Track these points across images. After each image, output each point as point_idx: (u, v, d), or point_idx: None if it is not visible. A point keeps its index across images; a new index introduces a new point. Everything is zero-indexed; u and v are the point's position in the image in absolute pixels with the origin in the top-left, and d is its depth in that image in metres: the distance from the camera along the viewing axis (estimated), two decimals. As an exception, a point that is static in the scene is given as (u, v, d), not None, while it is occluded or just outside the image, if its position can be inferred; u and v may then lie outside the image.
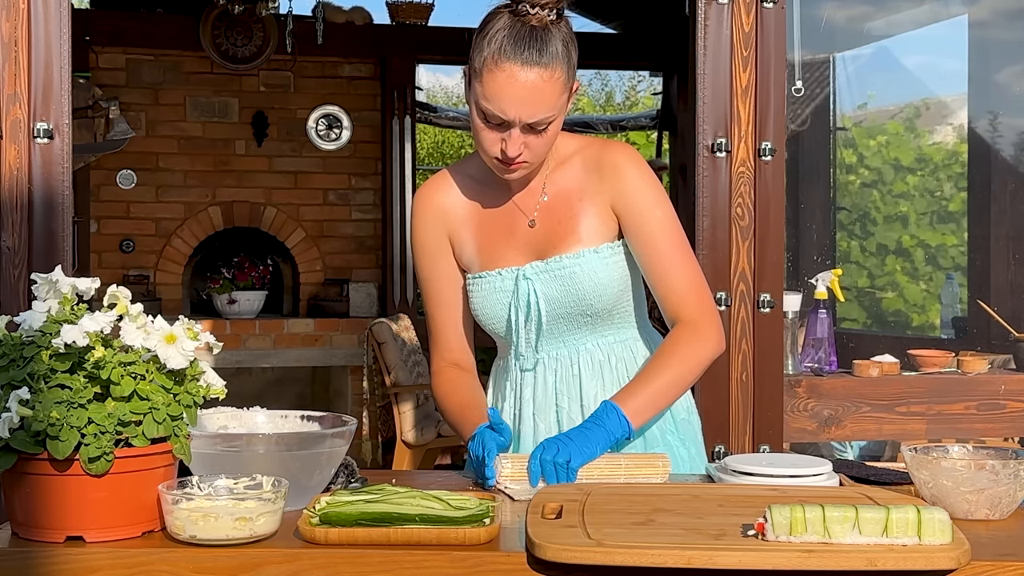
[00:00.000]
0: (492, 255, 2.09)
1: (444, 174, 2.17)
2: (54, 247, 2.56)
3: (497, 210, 2.11)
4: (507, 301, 2.06)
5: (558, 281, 2.04)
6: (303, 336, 6.90)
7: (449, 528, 1.48)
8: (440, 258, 2.13)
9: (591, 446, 1.86)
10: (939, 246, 5.99)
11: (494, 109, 1.92)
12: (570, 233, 2.05)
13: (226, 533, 1.46)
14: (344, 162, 7.26)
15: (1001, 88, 4.73)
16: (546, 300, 2.04)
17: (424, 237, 2.13)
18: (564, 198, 2.07)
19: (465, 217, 2.11)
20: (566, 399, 2.08)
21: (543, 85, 1.90)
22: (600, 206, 2.06)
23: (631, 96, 14.70)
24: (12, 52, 2.53)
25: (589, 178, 2.06)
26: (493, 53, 1.91)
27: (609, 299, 2.06)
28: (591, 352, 2.09)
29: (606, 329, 2.10)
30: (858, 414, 3.02)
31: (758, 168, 2.81)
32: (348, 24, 7.09)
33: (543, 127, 1.94)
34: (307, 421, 1.82)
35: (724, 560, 1.38)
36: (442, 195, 2.13)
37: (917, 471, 1.69)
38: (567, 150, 2.09)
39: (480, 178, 2.12)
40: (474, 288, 2.10)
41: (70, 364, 1.50)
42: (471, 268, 2.12)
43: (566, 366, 2.09)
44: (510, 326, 2.07)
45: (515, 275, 2.06)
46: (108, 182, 6.86)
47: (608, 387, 2.07)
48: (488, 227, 2.10)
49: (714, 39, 2.80)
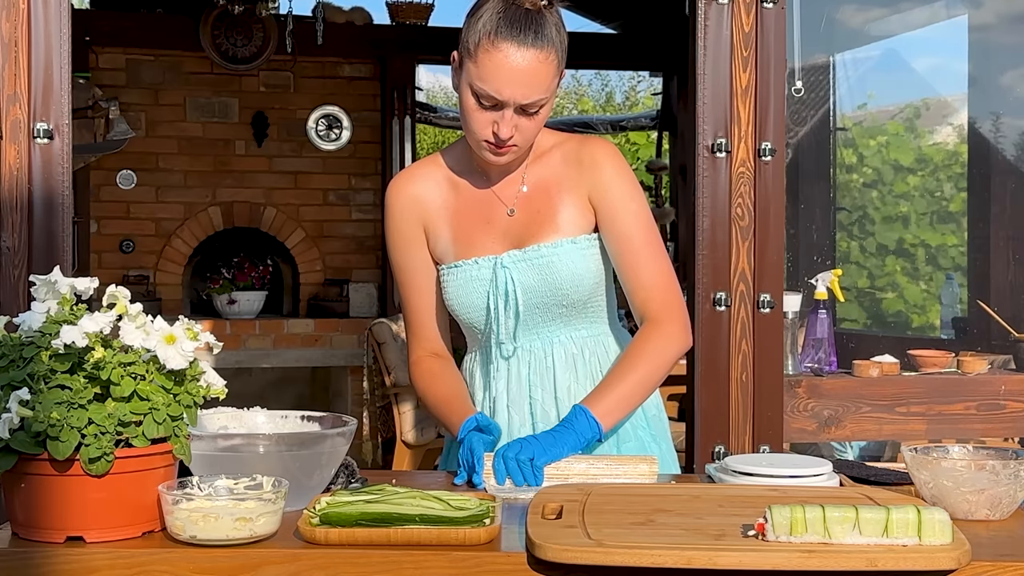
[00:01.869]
0: (468, 244, 2.10)
1: (418, 164, 2.19)
2: (54, 247, 2.56)
3: (474, 200, 2.12)
4: (484, 290, 2.07)
5: (536, 270, 2.06)
6: (303, 336, 6.90)
7: (449, 528, 1.48)
8: (415, 249, 2.14)
9: (558, 447, 1.88)
10: (939, 246, 5.99)
11: (489, 89, 1.94)
12: (549, 222, 2.07)
13: (226, 533, 1.46)
14: (344, 162, 7.26)
15: (1001, 88, 4.73)
16: (523, 289, 2.06)
17: (399, 228, 2.14)
18: (543, 189, 2.10)
19: (440, 206, 2.12)
20: (539, 391, 2.09)
21: (538, 66, 1.94)
22: (578, 198, 2.08)
23: (631, 96, 14.71)
24: (12, 52, 2.53)
25: (568, 171, 2.09)
26: (488, 33, 1.94)
27: (585, 291, 2.08)
28: (564, 345, 2.11)
29: (580, 323, 2.12)
30: (858, 414, 3.02)
31: (758, 168, 2.81)
32: (348, 24, 7.09)
33: (535, 109, 1.97)
34: (307, 421, 1.82)
35: (724, 560, 1.38)
36: (415, 185, 2.14)
37: (917, 471, 1.69)
38: (546, 144, 2.13)
39: (459, 168, 2.13)
40: (449, 278, 2.11)
41: (70, 365, 1.50)
42: (445, 258, 2.12)
43: (539, 358, 2.10)
44: (489, 315, 2.08)
45: (492, 263, 2.07)
46: (108, 182, 6.86)
47: (581, 380, 2.10)
48: (464, 216, 2.11)
49: (714, 39, 2.80)
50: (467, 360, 2.23)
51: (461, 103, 2.00)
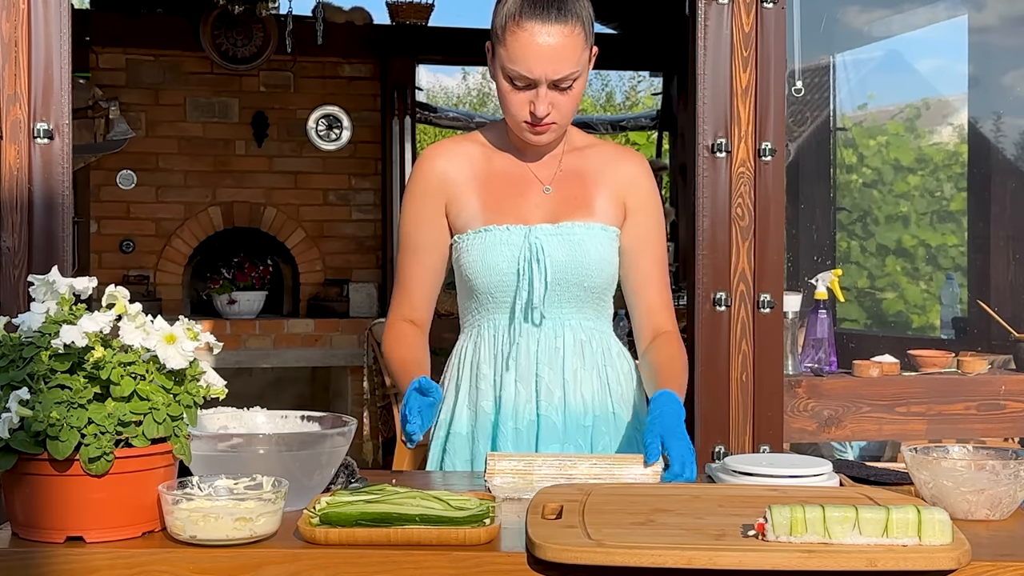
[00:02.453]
0: (499, 211, 2.12)
1: (454, 139, 2.22)
2: (54, 248, 2.56)
3: (509, 173, 2.15)
4: (512, 255, 2.09)
5: (566, 246, 2.10)
6: (303, 336, 6.90)
7: (449, 528, 1.48)
8: (431, 226, 2.16)
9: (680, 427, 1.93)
10: (939, 246, 5.99)
11: (520, 69, 2.00)
12: (585, 205, 2.14)
13: (226, 533, 1.46)
14: (344, 162, 7.26)
15: (1002, 88, 4.73)
16: (552, 262, 2.09)
17: (418, 202, 2.17)
18: (579, 176, 2.16)
19: (470, 177, 2.15)
20: (547, 370, 2.11)
21: (564, 41, 1.99)
22: (613, 195, 2.15)
23: (631, 96, 14.70)
24: (12, 52, 2.53)
25: (605, 168, 2.17)
26: (513, 15, 2.00)
27: (606, 278, 2.14)
28: (575, 331, 2.14)
29: (590, 312, 2.16)
30: (858, 414, 3.02)
31: (758, 168, 2.81)
32: (348, 24, 7.09)
33: (568, 84, 2.02)
34: (307, 421, 1.82)
35: (724, 560, 1.38)
36: (446, 160, 2.17)
37: (917, 471, 1.69)
38: (583, 141, 2.20)
39: (497, 145, 2.17)
40: (475, 242, 2.12)
41: (70, 364, 1.50)
42: (472, 224, 2.13)
43: (550, 338, 2.13)
44: (519, 280, 2.09)
45: (524, 232, 2.10)
46: (108, 182, 6.86)
47: (588, 368, 2.13)
48: (496, 186, 2.14)
49: (714, 39, 2.80)
50: (464, 337, 2.21)
51: (498, 89, 2.07)
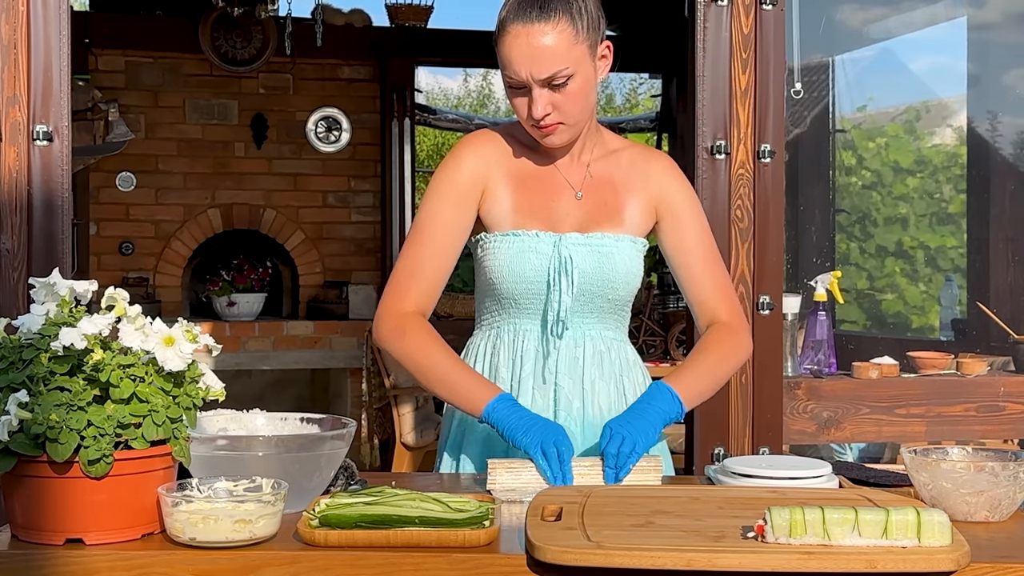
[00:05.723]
0: (530, 215, 2.10)
1: (501, 129, 2.20)
2: (53, 249, 2.56)
3: (541, 176, 2.13)
4: (540, 263, 2.06)
5: (595, 257, 2.08)
6: (302, 338, 6.90)
7: (449, 530, 1.48)
8: (464, 206, 2.09)
9: (650, 431, 1.89)
10: (939, 248, 6.00)
11: (510, 72, 2.00)
12: (615, 215, 2.12)
13: (225, 535, 1.46)
14: (343, 164, 7.26)
15: (1001, 89, 4.73)
16: (580, 272, 2.07)
17: (459, 178, 2.10)
18: (609, 183, 2.14)
19: (508, 172, 2.12)
20: (567, 379, 2.09)
21: (547, 39, 1.97)
22: (643, 202, 2.14)
23: (631, 98, 14.71)
24: (11, 54, 2.53)
25: (634, 174, 2.15)
26: (503, 21, 2.00)
27: (630, 290, 2.13)
28: (594, 341, 2.12)
29: (610, 322, 2.14)
30: (857, 416, 3.02)
31: (757, 170, 2.81)
32: (347, 26, 7.09)
33: (561, 82, 1.99)
34: (306, 423, 1.81)
35: (723, 562, 1.38)
36: (493, 145, 2.14)
37: (917, 473, 1.69)
38: (614, 145, 2.19)
39: (529, 143, 2.15)
40: (503, 245, 2.08)
41: (69, 367, 1.50)
42: (501, 225, 2.10)
43: (570, 348, 2.10)
44: (549, 289, 2.06)
45: (553, 240, 2.08)
46: (107, 184, 6.86)
47: (606, 378, 2.11)
48: (529, 189, 2.12)
49: (713, 41, 2.80)
50: (481, 336, 2.18)
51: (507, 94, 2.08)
